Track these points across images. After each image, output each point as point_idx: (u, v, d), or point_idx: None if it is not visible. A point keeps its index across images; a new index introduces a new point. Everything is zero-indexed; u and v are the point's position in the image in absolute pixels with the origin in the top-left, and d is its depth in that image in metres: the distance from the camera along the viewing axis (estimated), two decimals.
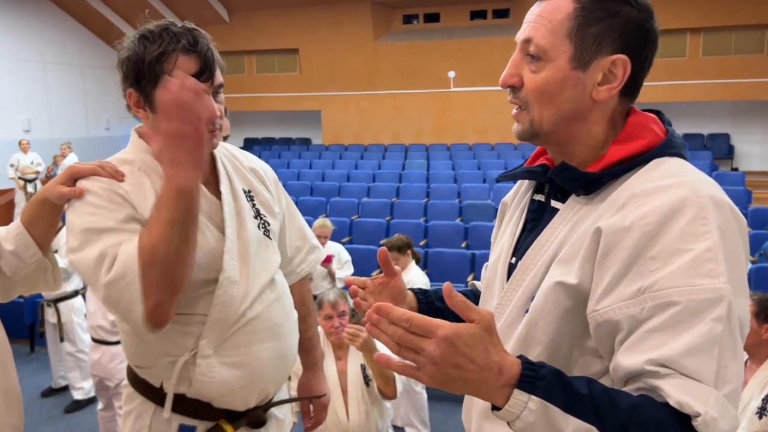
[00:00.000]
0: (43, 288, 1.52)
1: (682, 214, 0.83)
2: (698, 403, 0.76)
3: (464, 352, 0.78)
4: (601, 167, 0.94)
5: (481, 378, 0.80)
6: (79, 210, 1.32)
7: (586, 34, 0.92)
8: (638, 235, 0.84)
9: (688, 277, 0.81)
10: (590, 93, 0.94)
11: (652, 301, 0.82)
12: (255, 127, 15.21)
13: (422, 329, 0.79)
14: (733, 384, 0.79)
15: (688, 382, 0.78)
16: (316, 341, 1.73)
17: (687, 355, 0.79)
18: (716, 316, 0.79)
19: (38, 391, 4.88)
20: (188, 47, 1.31)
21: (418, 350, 0.79)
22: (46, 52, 12.81)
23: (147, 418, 1.44)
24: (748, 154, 12.47)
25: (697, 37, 12.11)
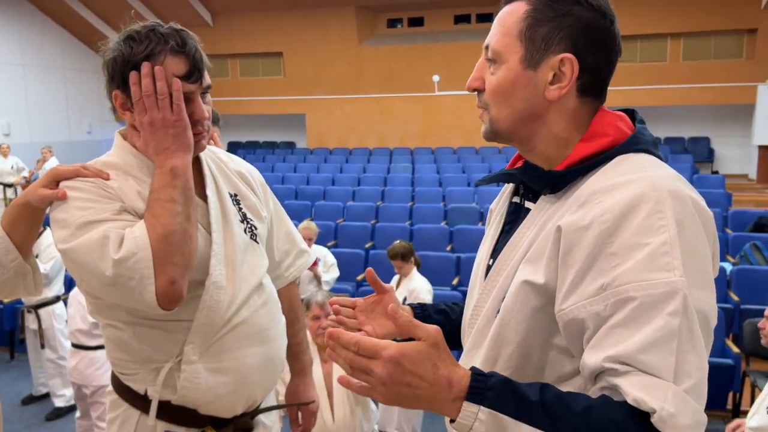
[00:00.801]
0: (23, 293, 1.49)
1: (640, 209, 0.84)
2: (654, 400, 0.76)
3: (411, 370, 0.81)
4: (566, 165, 0.96)
5: (432, 393, 0.82)
6: (70, 206, 1.28)
7: (536, 34, 0.94)
8: (597, 232, 0.85)
9: (645, 271, 0.81)
10: (543, 92, 0.96)
11: (614, 297, 0.82)
12: (239, 131, 15.14)
13: (369, 351, 0.82)
14: (694, 378, 0.79)
15: (647, 378, 0.78)
16: (304, 346, 1.72)
17: (644, 350, 0.79)
18: (672, 310, 0.79)
19: (18, 399, 4.80)
20: (177, 48, 1.29)
21: (368, 372, 0.82)
22: (26, 55, 12.66)
23: (132, 426, 1.42)
24: (728, 158, 12.64)
25: (677, 42, 12.27)
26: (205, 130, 1.37)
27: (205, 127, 1.38)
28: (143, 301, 1.23)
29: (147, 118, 1.28)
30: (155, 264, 1.21)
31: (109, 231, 1.23)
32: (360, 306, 1.19)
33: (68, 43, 13.62)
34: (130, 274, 1.21)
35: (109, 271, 1.20)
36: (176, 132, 1.29)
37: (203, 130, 1.37)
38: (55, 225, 1.30)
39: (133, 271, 1.20)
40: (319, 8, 13.38)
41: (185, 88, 1.31)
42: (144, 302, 1.23)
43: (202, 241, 1.38)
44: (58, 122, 13.32)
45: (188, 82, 1.31)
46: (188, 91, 1.32)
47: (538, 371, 0.95)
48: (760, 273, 5.19)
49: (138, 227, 1.24)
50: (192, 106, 1.33)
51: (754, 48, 11.77)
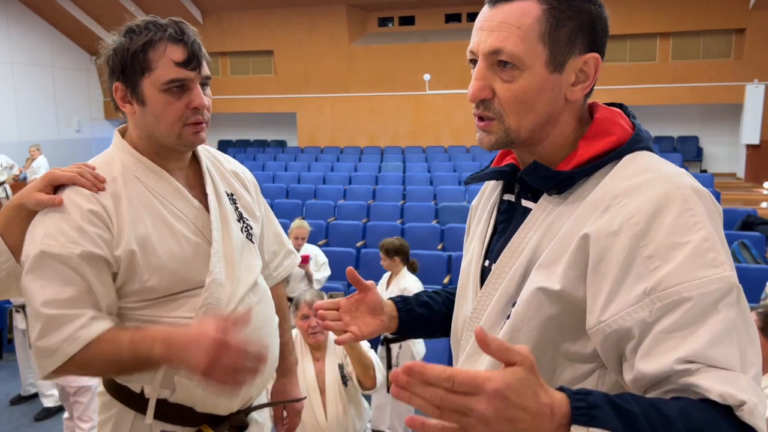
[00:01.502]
0: (15, 294, 1.48)
1: (669, 208, 0.82)
2: (739, 392, 0.75)
3: (516, 402, 0.68)
4: (573, 166, 0.93)
5: (536, 425, 0.71)
6: (47, 226, 1.29)
7: (559, 35, 0.90)
8: (629, 236, 0.82)
9: (694, 270, 0.79)
10: (564, 94, 0.94)
11: (661, 301, 0.79)
12: (229, 130, 15.09)
13: (468, 387, 0.68)
14: (756, 366, 0.79)
15: (720, 372, 0.76)
16: (291, 347, 1.73)
17: (712, 346, 0.77)
18: (727, 303, 0.79)
19: (7, 399, 4.77)
20: (175, 36, 1.31)
21: (465, 411, 0.68)
22: (15, 53, 12.55)
23: (126, 426, 1.41)
24: (717, 157, 12.74)
25: (666, 41, 12.34)
26: (204, 120, 1.38)
27: (205, 117, 1.38)
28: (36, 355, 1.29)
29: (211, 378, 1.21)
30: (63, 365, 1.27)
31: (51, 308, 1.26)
32: (344, 307, 1.15)
33: (57, 41, 13.52)
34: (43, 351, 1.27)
35: (31, 339, 1.29)
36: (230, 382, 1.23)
37: (203, 120, 1.37)
38: (30, 232, 1.32)
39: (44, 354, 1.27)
40: (310, 7, 13.36)
41: (183, 74, 1.32)
42: (36, 355, 1.29)
43: (191, 251, 1.38)
44: (47, 120, 13.22)
45: (187, 68, 1.32)
46: (186, 78, 1.33)
47: (550, 376, 0.92)
48: (747, 271, 5.23)
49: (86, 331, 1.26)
50: (191, 93, 1.34)
51: (742, 48, 11.86)
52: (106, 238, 1.31)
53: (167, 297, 1.37)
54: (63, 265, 1.27)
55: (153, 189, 1.39)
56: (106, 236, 1.31)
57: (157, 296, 1.36)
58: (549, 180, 0.94)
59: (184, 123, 1.35)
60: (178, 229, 1.38)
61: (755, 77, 11.45)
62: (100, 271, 1.31)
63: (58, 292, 1.27)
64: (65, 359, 1.25)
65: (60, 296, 1.27)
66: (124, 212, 1.34)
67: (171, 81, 1.31)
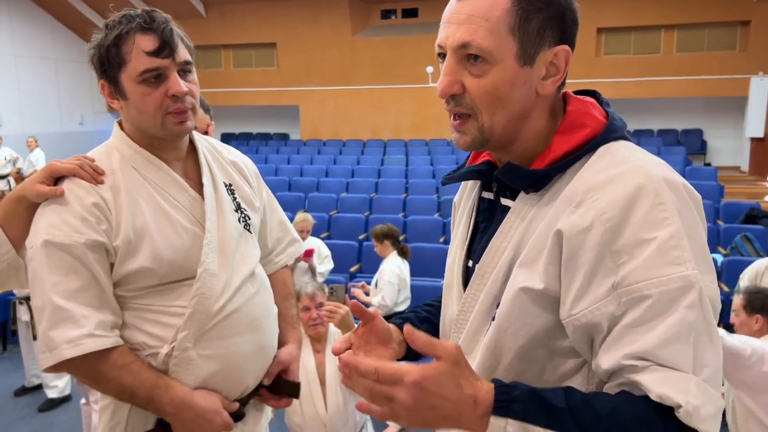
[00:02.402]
0: (15, 285, 1.50)
1: (640, 202, 0.82)
2: (678, 394, 0.76)
3: (436, 392, 0.78)
4: (548, 162, 0.92)
5: (458, 412, 0.79)
6: (49, 217, 1.31)
7: (529, 28, 0.88)
8: (601, 232, 0.82)
9: (657, 267, 0.79)
10: (536, 88, 0.92)
11: (626, 296, 0.80)
12: (232, 122, 15.08)
13: (390, 378, 0.78)
14: (711, 367, 0.79)
15: (667, 372, 0.77)
16: (296, 321, 1.72)
17: (663, 345, 0.78)
18: (688, 304, 0.79)
19: (11, 390, 4.80)
20: (144, 25, 1.30)
21: (390, 398, 0.79)
22: (18, 46, 12.55)
23: (124, 413, 1.42)
24: (721, 150, 12.70)
25: (671, 33, 12.28)
26: (186, 108, 1.36)
27: (187, 104, 1.36)
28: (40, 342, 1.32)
29: None
30: (64, 364, 1.29)
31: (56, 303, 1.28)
32: (355, 344, 1.10)
33: (59, 34, 13.51)
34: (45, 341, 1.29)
35: (39, 335, 1.31)
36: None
37: (185, 108, 1.36)
38: (34, 223, 1.34)
39: (47, 341, 1.29)
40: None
41: (156, 63, 1.31)
42: (40, 342, 1.31)
43: (189, 240, 1.39)
44: (50, 113, 13.23)
45: (159, 57, 1.31)
46: (160, 66, 1.31)
47: (539, 373, 0.92)
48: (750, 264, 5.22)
49: (90, 341, 1.29)
50: (167, 82, 1.33)
51: (747, 40, 11.80)
52: (106, 229, 1.33)
53: (165, 285, 1.38)
54: (67, 255, 1.29)
55: (151, 180, 1.40)
56: (106, 227, 1.33)
57: (155, 284, 1.37)
58: (525, 179, 0.93)
59: (165, 112, 1.34)
60: (175, 219, 1.39)
61: (760, 70, 11.39)
62: (104, 259, 1.33)
63: (64, 282, 1.29)
64: (61, 360, 1.28)
65: (66, 286, 1.29)
66: (123, 203, 1.35)
67: (144, 71, 1.31)
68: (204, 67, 14.50)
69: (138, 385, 1.33)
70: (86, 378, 1.38)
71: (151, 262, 1.34)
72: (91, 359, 1.29)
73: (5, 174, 10.55)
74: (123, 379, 1.32)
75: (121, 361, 1.32)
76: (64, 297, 1.28)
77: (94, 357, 1.29)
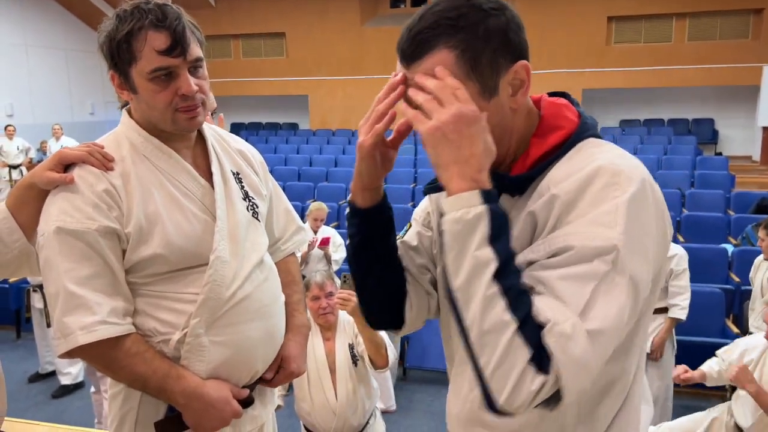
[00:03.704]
0: (27, 273, 1.51)
1: (597, 180, 0.85)
2: (552, 315, 0.79)
3: (472, 133, 0.86)
4: (528, 166, 0.96)
5: (468, 158, 0.85)
6: (61, 204, 1.33)
7: (481, 67, 0.91)
8: (559, 204, 0.87)
9: (587, 225, 0.83)
10: (508, 107, 0.95)
11: (552, 246, 0.85)
12: (241, 112, 15.10)
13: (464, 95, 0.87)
14: (598, 324, 0.79)
15: (556, 302, 0.81)
16: (302, 307, 1.73)
17: (563, 279, 0.82)
18: (602, 259, 0.81)
19: (25, 377, 4.87)
20: (156, 23, 1.28)
21: (446, 104, 0.86)
22: (29, 36, 12.61)
23: (135, 400, 1.44)
24: (732, 139, 12.59)
25: (683, 22, 12.16)
26: (197, 104, 1.37)
27: (197, 101, 1.36)
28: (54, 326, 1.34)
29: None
30: (77, 350, 1.31)
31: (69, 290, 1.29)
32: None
33: (71, 24, 13.56)
34: (59, 328, 1.31)
35: (53, 325, 1.33)
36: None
37: (195, 105, 1.36)
38: (45, 210, 1.35)
39: (61, 328, 1.30)
40: None
41: (168, 62, 1.31)
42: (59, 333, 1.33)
43: (200, 229, 1.40)
44: (61, 103, 13.30)
45: (171, 56, 1.30)
46: (171, 65, 1.31)
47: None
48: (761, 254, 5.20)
49: (103, 328, 1.31)
50: (178, 81, 1.33)
51: (760, 28, 11.66)
52: (117, 215, 1.34)
53: (176, 272, 1.39)
54: (80, 241, 1.30)
55: (161, 167, 1.41)
56: (117, 213, 1.34)
57: (166, 271, 1.39)
58: (512, 185, 0.97)
59: (175, 109, 1.35)
60: (186, 206, 1.41)
61: None
62: (116, 246, 1.35)
63: (77, 268, 1.30)
64: (75, 346, 1.29)
65: (79, 272, 1.30)
66: (133, 190, 1.36)
67: (155, 70, 1.30)
68: (213, 57, 14.50)
69: (150, 374, 1.35)
70: (100, 365, 1.40)
71: (163, 249, 1.36)
72: (104, 346, 1.31)
73: (18, 164, 10.63)
74: (136, 367, 1.34)
75: (135, 349, 1.35)
76: (77, 283, 1.30)
77: (108, 344, 1.31)
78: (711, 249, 5.52)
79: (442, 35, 0.91)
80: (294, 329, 1.65)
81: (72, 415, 4.26)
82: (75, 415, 4.23)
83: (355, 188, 1.07)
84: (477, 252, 0.81)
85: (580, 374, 0.78)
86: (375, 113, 1.01)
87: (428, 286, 1.16)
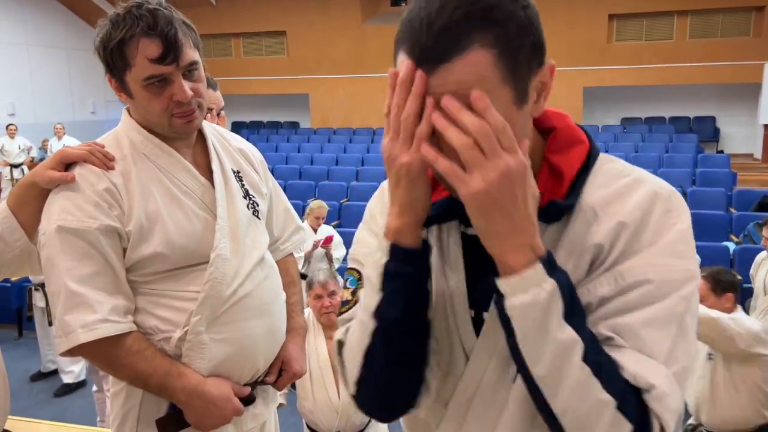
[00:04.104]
0: (29, 272, 1.52)
1: (657, 205, 0.81)
2: (652, 377, 0.74)
3: (524, 192, 0.71)
4: (566, 190, 0.84)
5: (522, 224, 0.72)
6: (62, 203, 1.33)
7: (519, 69, 0.75)
8: (627, 233, 0.80)
9: (663, 256, 0.79)
10: (531, 113, 0.81)
11: (624, 281, 0.78)
12: (242, 111, 15.10)
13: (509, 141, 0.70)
14: (681, 364, 0.77)
15: (641, 357, 0.76)
16: (300, 308, 1.74)
17: (646, 325, 0.76)
18: (685, 294, 0.78)
19: (27, 376, 4.88)
20: (147, 30, 1.28)
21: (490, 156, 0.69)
22: (30, 35, 12.62)
23: (137, 398, 1.45)
24: (734, 137, 12.58)
25: (684, 19, 12.14)
26: (192, 109, 1.37)
27: (193, 105, 1.37)
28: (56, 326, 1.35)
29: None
30: (78, 348, 1.32)
31: (71, 289, 1.30)
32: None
33: (72, 23, 13.56)
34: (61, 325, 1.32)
35: (54, 324, 1.34)
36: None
37: (191, 110, 1.37)
38: (46, 209, 1.36)
39: (61, 325, 1.31)
40: None
41: (160, 70, 1.30)
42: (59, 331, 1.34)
43: (201, 227, 1.41)
44: (63, 102, 13.32)
45: (163, 64, 1.30)
46: (164, 73, 1.31)
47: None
48: (763, 251, 5.20)
49: (104, 326, 1.31)
50: (172, 87, 1.33)
51: (761, 26, 11.63)
52: (118, 214, 1.35)
53: (177, 270, 1.40)
54: (81, 240, 1.31)
55: (161, 166, 1.41)
56: (118, 212, 1.35)
57: (167, 269, 1.39)
58: (549, 214, 0.82)
59: (171, 114, 1.35)
60: (187, 205, 1.41)
61: None
62: (116, 244, 1.35)
63: (78, 267, 1.31)
64: (77, 344, 1.30)
65: (80, 271, 1.31)
66: (134, 189, 1.36)
67: (149, 77, 1.31)
68: (214, 56, 14.50)
69: (151, 372, 1.35)
70: (102, 363, 1.41)
71: (164, 248, 1.36)
72: (106, 344, 1.32)
73: (20, 163, 10.65)
74: (137, 365, 1.35)
75: (136, 347, 1.35)
76: (79, 282, 1.30)
77: (109, 342, 1.32)
78: (712, 247, 5.53)
79: (476, 30, 0.71)
80: (293, 331, 1.66)
81: (74, 413, 4.28)
82: (77, 414, 4.24)
83: (403, 224, 0.81)
84: (560, 335, 0.72)
85: (677, 419, 0.76)
86: (405, 122, 0.75)
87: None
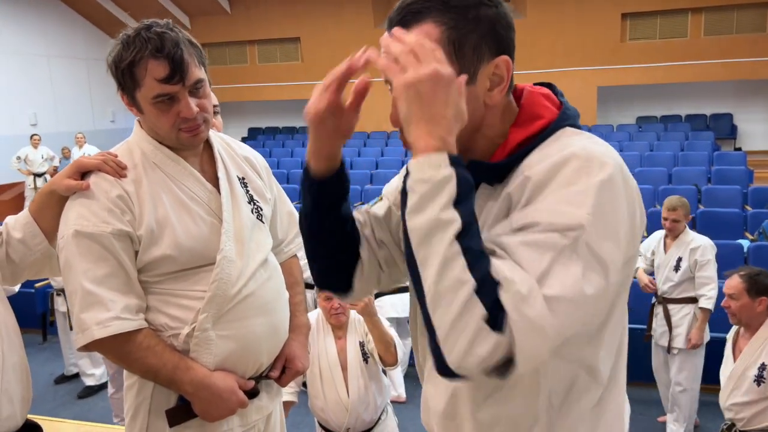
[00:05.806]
0: (47, 273, 1.64)
1: (569, 163, 0.85)
2: (512, 275, 0.78)
3: (446, 97, 0.84)
4: (506, 153, 0.95)
5: (438, 119, 0.84)
6: (78, 209, 1.43)
7: (464, 50, 0.91)
8: (530, 185, 0.87)
9: (555, 203, 0.83)
10: (483, 101, 0.94)
11: (519, 221, 0.85)
12: (258, 117, 15.26)
13: (423, 55, 0.85)
14: (557, 291, 0.78)
15: (516, 266, 0.80)
16: (303, 308, 1.82)
17: (523, 245, 0.81)
18: (564, 234, 0.81)
19: (51, 379, 5.01)
20: (155, 52, 1.38)
21: (425, 61, 0.84)
22: (51, 46, 12.89)
23: (148, 391, 1.54)
24: (751, 134, 12.43)
25: (698, 16, 12.04)
26: (198, 124, 1.47)
27: (198, 120, 1.47)
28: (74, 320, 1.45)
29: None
30: (94, 344, 1.41)
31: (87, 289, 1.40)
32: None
33: (91, 34, 13.82)
34: (78, 321, 1.42)
35: (73, 319, 1.44)
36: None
37: (197, 125, 1.47)
38: (64, 215, 1.46)
39: (79, 324, 1.42)
40: None
41: (167, 89, 1.41)
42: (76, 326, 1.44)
43: (207, 230, 1.50)
44: (83, 112, 13.57)
45: (170, 84, 1.40)
46: (172, 92, 1.41)
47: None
48: None
49: (117, 323, 1.41)
50: (179, 105, 1.43)
51: None
52: (130, 219, 1.44)
53: (185, 271, 1.49)
54: (96, 243, 1.41)
55: (170, 174, 1.51)
56: (130, 217, 1.44)
57: (175, 270, 1.48)
58: (490, 173, 0.96)
59: (178, 129, 1.46)
60: (194, 210, 1.50)
61: None
62: (129, 247, 1.45)
63: (93, 268, 1.41)
64: (91, 340, 1.40)
65: (95, 272, 1.41)
66: (145, 195, 1.46)
67: (157, 96, 1.41)
68: (229, 63, 14.68)
69: (161, 366, 1.45)
70: (115, 358, 1.50)
71: (172, 250, 1.46)
72: (118, 340, 1.41)
73: (43, 172, 10.88)
74: (148, 359, 1.44)
75: (146, 343, 1.44)
76: (94, 282, 1.40)
77: (122, 338, 1.42)
78: (727, 245, 5.50)
79: (433, 10, 0.91)
80: (296, 329, 1.74)
81: (97, 413, 4.39)
82: (99, 414, 4.35)
83: (309, 152, 1.08)
84: (441, 213, 0.80)
85: (534, 338, 0.77)
86: (327, 77, 1.03)
87: (382, 260, 1.15)
